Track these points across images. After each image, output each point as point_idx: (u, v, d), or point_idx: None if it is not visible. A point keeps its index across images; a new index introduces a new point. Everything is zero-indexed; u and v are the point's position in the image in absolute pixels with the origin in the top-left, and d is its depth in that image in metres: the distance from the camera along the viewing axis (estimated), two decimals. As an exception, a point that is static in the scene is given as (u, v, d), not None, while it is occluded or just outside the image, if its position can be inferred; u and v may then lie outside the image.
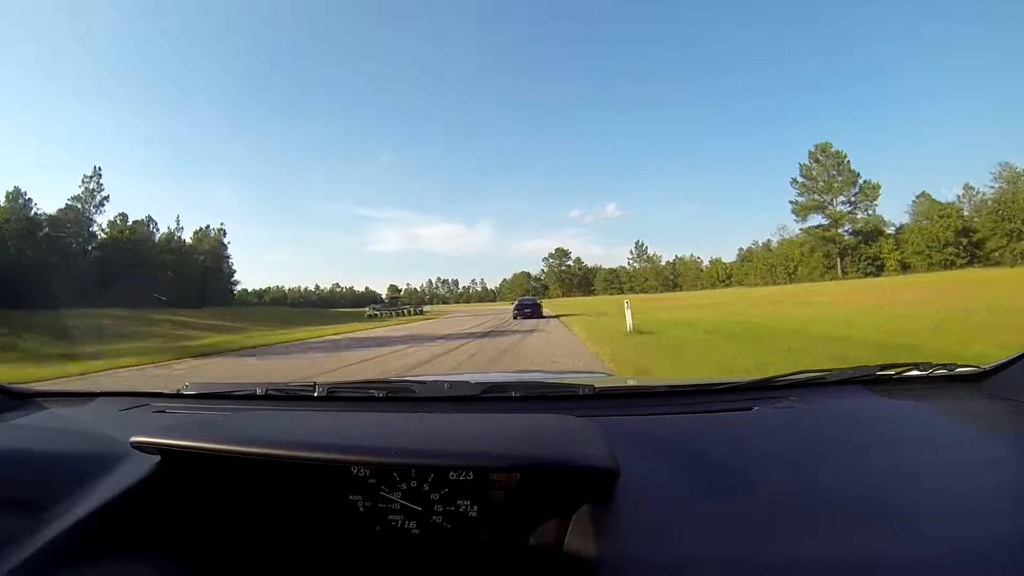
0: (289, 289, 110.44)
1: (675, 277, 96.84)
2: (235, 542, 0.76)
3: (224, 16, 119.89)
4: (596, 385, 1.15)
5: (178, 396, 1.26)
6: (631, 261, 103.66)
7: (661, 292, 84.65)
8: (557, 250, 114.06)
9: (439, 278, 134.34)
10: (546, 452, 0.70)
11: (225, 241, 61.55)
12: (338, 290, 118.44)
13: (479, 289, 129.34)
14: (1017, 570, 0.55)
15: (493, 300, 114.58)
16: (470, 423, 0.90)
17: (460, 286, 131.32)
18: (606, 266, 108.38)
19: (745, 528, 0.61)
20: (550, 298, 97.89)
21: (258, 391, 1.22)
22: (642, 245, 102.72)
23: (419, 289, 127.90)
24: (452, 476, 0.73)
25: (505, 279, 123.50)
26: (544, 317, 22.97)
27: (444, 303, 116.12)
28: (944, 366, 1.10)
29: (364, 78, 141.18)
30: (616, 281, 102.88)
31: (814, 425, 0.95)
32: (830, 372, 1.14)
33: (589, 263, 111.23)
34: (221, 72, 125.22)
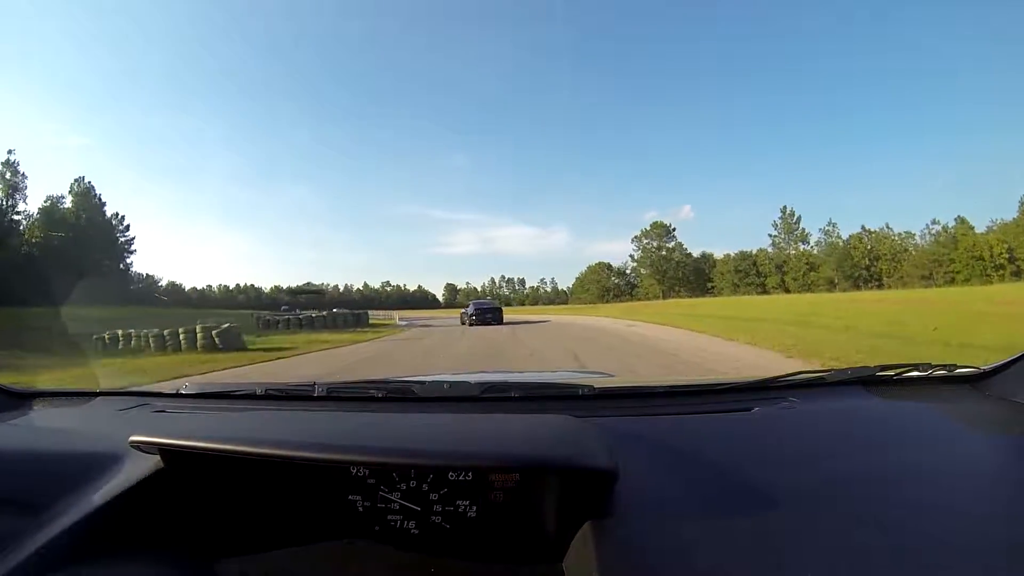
0: (328, 286, 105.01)
1: (871, 264, 58.70)
2: (235, 542, 0.76)
3: (302, 25, 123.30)
4: (596, 385, 1.14)
5: (178, 396, 1.27)
6: (777, 240, 65.89)
7: (854, 290, 50.77)
8: (655, 225, 77.42)
9: (503, 276, 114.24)
10: (545, 452, 0.70)
11: (103, 204, 49.96)
12: (388, 288, 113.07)
13: (548, 289, 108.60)
14: (1016, 571, 0.55)
15: (565, 301, 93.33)
16: (469, 423, 0.90)
17: (527, 285, 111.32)
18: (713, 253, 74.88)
19: (745, 528, 0.62)
20: (638, 299, 72.51)
21: (257, 391, 1.23)
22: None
23: (479, 289, 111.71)
24: (451, 476, 0.73)
25: (578, 277, 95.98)
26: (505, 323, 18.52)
27: (507, 305, 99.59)
28: (943, 367, 1.10)
29: (440, 81, 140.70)
30: (754, 273, 67.26)
31: (814, 425, 0.94)
32: (829, 372, 1.14)
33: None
34: (301, 79, 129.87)
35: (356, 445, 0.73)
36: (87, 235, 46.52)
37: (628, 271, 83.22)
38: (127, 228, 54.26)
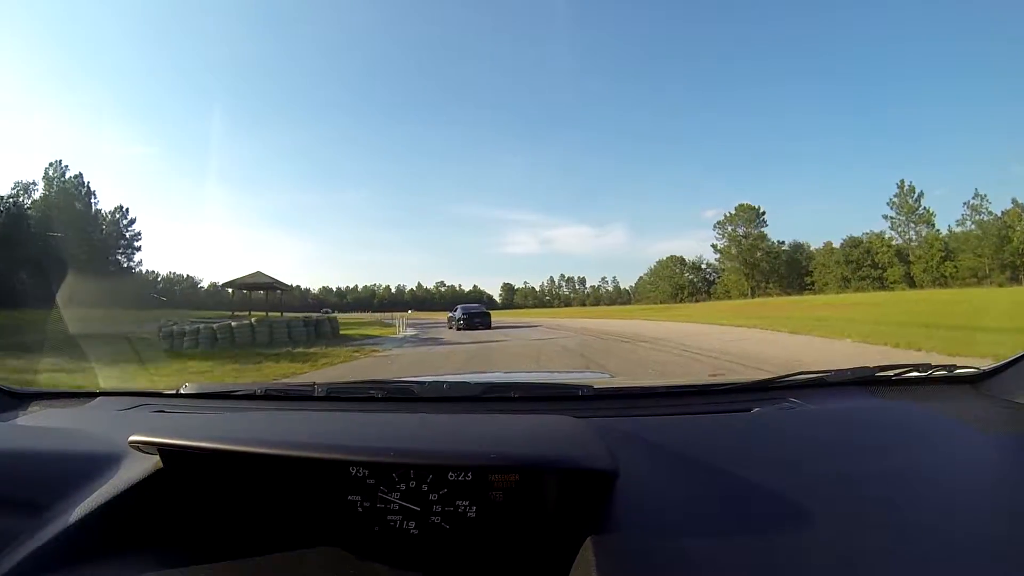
0: (380, 287, 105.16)
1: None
2: (234, 542, 0.76)
3: (358, 35, 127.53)
4: (595, 386, 1.14)
5: (177, 396, 1.27)
6: (896, 223, 52.11)
7: (1015, 284, 40.05)
8: (741, 208, 63.63)
9: (562, 275, 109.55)
10: (545, 453, 0.70)
11: (90, 192, 45.61)
12: (442, 288, 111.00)
13: (610, 289, 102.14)
14: (1016, 570, 0.55)
15: (628, 301, 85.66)
16: (469, 423, 0.90)
17: (587, 285, 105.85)
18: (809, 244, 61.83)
19: (745, 529, 0.62)
20: (717, 297, 63.26)
21: (257, 391, 1.24)
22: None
23: (538, 289, 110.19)
24: (451, 477, 0.73)
25: (642, 276, 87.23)
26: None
27: (566, 306, 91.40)
28: (943, 367, 1.10)
29: (497, 84, 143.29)
30: (869, 264, 53.84)
31: (814, 426, 0.94)
32: (829, 373, 1.14)
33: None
34: (361, 84, 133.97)
35: (355, 445, 0.73)
36: (70, 226, 40.70)
37: (703, 266, 72.07)
38: (131, 222, 50.94)
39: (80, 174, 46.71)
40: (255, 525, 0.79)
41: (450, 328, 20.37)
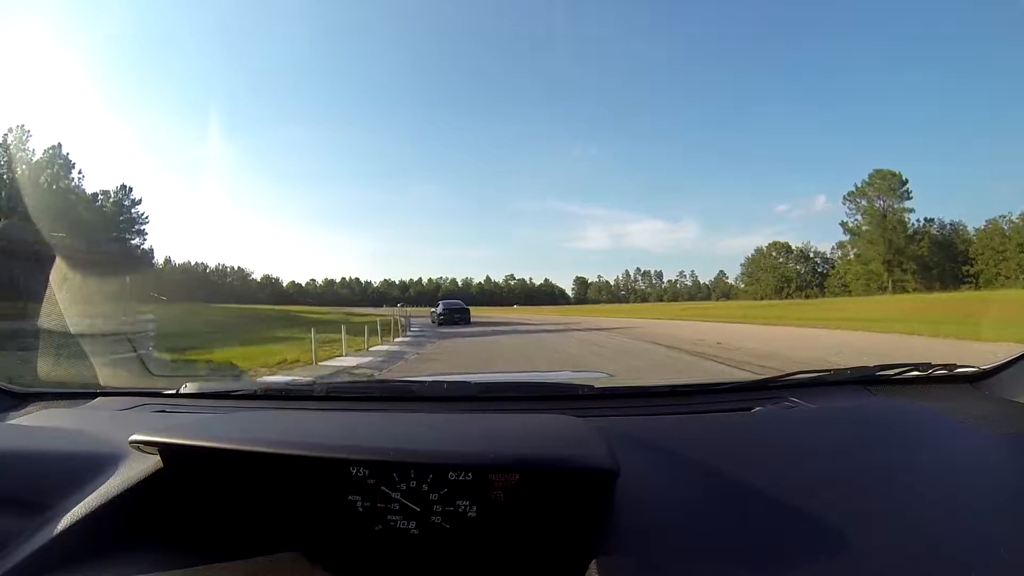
0: (446, 280, 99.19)
1: None
2: (234, 541, 0.76)
3: (441, 25, 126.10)
4: (596, 385, 1.16)
5: (177, 395, 1.27)
6: None
7: None
8: (878, 176, 46.23)
9: (638, 269, 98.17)
10: (545, 452, 0.70)
11: (70, 164, 36.77)
12: (512, 282, 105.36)
13: (688, 284, 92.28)
14: (1016, 570, 0.56)
15: (707, 297, 76.61)
16: (469, 423, 0.91)
17: (664, 279, 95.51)
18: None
19: (745, 527, 0.62)
20: (833, 293, 48.80)
21: (257, 390, 1.25)
22: None
23: (612, 283, 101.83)
24: (451, 476, 0.73)
25: (721, 270, 75.41)
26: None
27: (643, 301, 79.73)
28: (943, 366, 1.11)
29: (568, 77, 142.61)
30: None
31: (814, 425, 0.95)
32: (830, 372, 1.16)
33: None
34: (432, 79, 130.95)
35: (356, 444, 0.74)
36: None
37: (811, 254, 56.50)
38: (136, 202, 43.00)
39: (59, 145, 37.82)
40: (255, 525, 0.79)
41: (432, 323, 20.48)
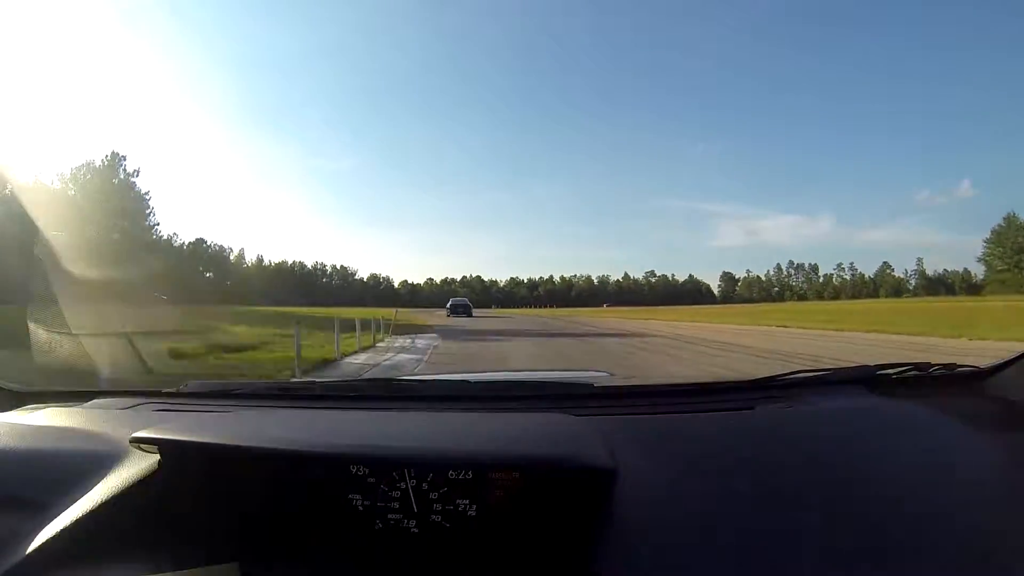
0: (580, 278, 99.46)
1: None
2: (235, 540, 0.76)
3: (562, 27, 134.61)
4: (595, 384, 1.15)
5: (177, 395, 1.27)
6: None
7: None
8: None
9: (791, 262, 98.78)
10: (545, 451, 0.70)
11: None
12: (652, 279, 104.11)
13: (846, 277, 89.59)
14: (1018, 569, 0.56)
15: (874, 293, 73.01)
16: (469, 422, 0.91)
17: (820, 274, 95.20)
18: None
19: (745, 527, 0.62)
20: None
21: (258, 389, 1.23)
22: None
23: (763, 277, 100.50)
24: (451, 475, 0.73)
25: (884, 261, 75.48)
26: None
27: (801, 299, 77.46)
28: (944, 366, 1.11)
29: (697, 76, 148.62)
30: None
31: (814, 424, 0.95)
32: (830, 372, 1.15)
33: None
34: (558, 81, 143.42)
35: (356, 443, 0.73)
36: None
37: None
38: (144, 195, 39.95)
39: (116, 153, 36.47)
40: (256, 523, 0.78)
41: (447, 315, 28.20)
